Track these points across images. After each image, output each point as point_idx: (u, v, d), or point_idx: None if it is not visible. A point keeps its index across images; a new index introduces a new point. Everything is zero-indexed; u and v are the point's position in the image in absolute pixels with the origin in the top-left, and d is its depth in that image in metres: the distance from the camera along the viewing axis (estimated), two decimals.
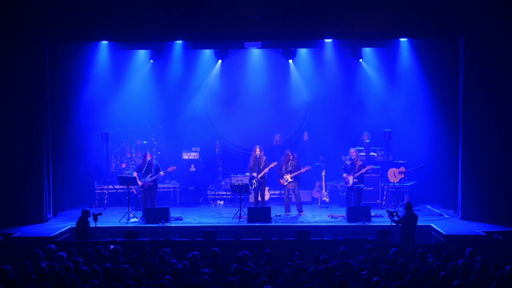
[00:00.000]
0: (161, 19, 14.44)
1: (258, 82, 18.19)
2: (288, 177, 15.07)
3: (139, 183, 14.76)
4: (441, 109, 16.07)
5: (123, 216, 14.45)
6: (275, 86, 18.35)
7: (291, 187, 15.16)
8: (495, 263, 9.06)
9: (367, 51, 17.41)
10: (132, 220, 14.39)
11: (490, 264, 9.11)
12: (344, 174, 15.36)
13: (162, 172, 15.05)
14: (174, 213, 14.92)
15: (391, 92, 17.55)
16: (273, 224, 14.10)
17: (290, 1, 14.41)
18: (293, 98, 18.45)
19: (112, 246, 10.61)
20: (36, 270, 9.07)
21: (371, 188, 16.13)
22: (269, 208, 14.47)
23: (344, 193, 15.76)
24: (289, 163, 15.13)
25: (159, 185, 15.81)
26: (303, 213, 15.14)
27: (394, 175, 16.25)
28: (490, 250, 10.91)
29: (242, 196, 15.00)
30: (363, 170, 15.12)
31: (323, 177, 16.28)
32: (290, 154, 15.21)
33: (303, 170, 15.19)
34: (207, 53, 17.75)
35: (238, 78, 18.35)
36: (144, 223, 14.13)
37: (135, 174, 14.96)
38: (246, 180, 15.49)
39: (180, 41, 15.93)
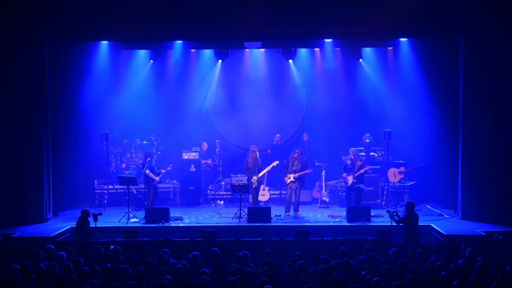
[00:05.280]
0: (161, 19, 14.44)
1: (258, 82, 18.19)
2: (291, 176, 15.07)
3: (156, 179, 15.02)
4: (441, 109, 16.07)
5: (123, 216, 14.45)
6: (275, 86, 18.34)
7: (293, 187, 15.15)
8: (495, 263, 9.07)
9: (367, 51, 17.42)
10: (132, 220, 14.39)
11: (490, 264, 9.12)
12: (344, 174, 15.37)
13: (163, 170, 15.34)
14: (174, 213, 14.93)
15: (391, 92, 17.56)
16: (273, 224, 14.10)
17: (290, 1, 14.41)
18: (293, 98, 18.47)
19: (112, 246, 10.61)
20: (36, 270, 9.08)
21: (371, 188, 16.13)
22: (269, 208, 14.48)
23: (344, 193, 15.76)
24: (295, 163, 15.11)
25: (158, 185, 15.83)
26: (299, 212, 15.16)
27: (394, 175, 16.24)
28: (490, 250, 10.91)
29: (242, 196, 15.01)
30: (362, 171, 15.10)
31: (323, 177, 16.29)
32: (296, 153, 15.19)
33: (302, 173, 15.13)
34: (207, 53, 17.76)
35: (238, 78, 18.35)
36: (144, 223, 14.12)
37: (147, 171, 15.05)
38: (246, 180, 15.48)
39: (180, 41, 15.93)
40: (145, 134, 17.94)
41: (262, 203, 15.77)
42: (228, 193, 16.89)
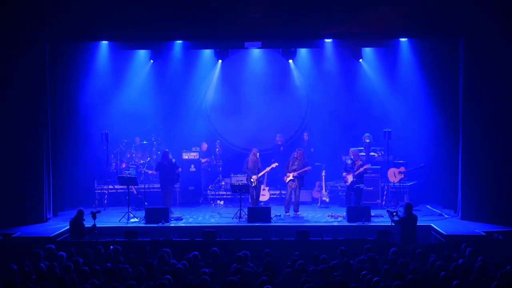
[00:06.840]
0: (161, 19, 14.43)
1: (258, 82, 18.19)
2: (290, 174, 15.08)
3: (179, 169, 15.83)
4: (441, 109, 16.07)
5: (123, 216, 14.44)
6: (275, 86, 18.35)
7: (292, 186, 15.14)
8: (495, 263, 9.07)
9: (367, 51, 17.41)
10: (132, 220, 14.38)
11: (490, 264, 9.12)
12: (344, 173, 15.38)
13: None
14: (174, 213, 14.93)
15: (391, 92, 17.55)
16: (273, 224, 14.10)
17: (290, 1, 14.40)
18: (293, 98, 18.47)
19: (112, 246, 10.61)
20: (36, 270, 9.07)
21: (371, 188, 16.12)
22: (269, 208, 14.47)
23: (344, 193, 15.76)
24: (295, 162, 15.11)
25: (157, 185, 16.04)
26: (299, 212, 15.18)
27: (394, 175, 16.24)
28: (490, 250, 10.91)
29: (242, 196, 15.02)
30: (362, 169, 15.10)
31: (323, 177, 16.29)
32: (297, 153, 15.19)
33: (301, 171, 15.13)
34: (207, 53, 17.76)
35: (238, 78, 18.35)
36: (144, 223, 14.12)
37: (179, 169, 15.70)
38: (245, 180, 15.49)
39: (180, 41, 15.92)
40: (145, 134, 17.94)
41: (262, 203, 15.78)
42: (228, 193, 16.89)
